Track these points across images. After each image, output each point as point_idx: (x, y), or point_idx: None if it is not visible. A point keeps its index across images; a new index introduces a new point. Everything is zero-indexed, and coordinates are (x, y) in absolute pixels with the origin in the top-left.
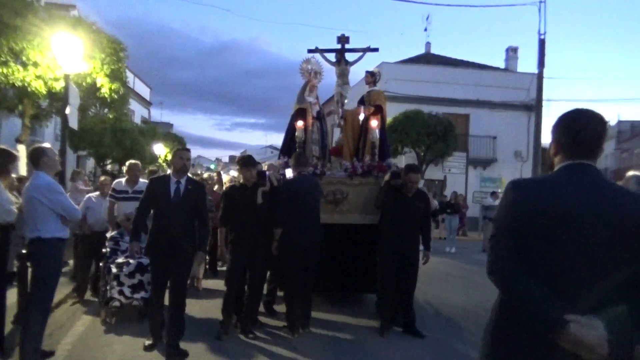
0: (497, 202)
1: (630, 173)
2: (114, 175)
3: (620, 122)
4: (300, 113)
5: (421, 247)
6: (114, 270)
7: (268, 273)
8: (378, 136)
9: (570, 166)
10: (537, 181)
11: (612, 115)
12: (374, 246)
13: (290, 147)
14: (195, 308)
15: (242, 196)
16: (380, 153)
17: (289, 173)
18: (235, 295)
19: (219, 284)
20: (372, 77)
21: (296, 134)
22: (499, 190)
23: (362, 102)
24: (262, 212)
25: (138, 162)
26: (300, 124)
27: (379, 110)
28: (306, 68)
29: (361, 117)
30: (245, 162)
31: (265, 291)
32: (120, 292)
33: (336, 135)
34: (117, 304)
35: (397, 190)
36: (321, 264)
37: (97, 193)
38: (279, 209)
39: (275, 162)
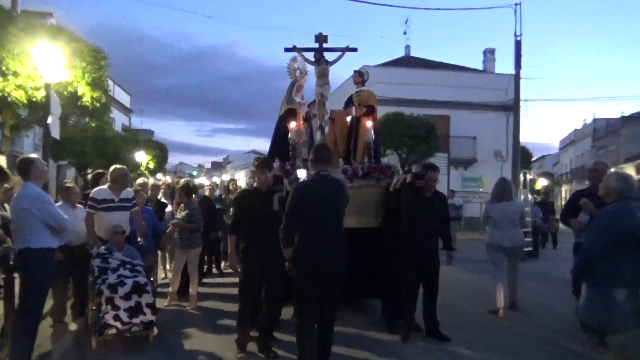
0: (453, 201)
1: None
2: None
3: (595, 120)
4: (291, 114)
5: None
6: (106, 292)
7: None
8: (373, 137)
9: None
10: None
11: (588, 114)
12: (375, 250)
13: (281, 150)
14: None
15: (256, 202)
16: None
17: (302, 174)
18: (250, 309)
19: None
20: (360, 77)
21: (289, 135)
22: (481, 189)
23: (349, 102)
24: (278, 220)
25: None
26: (293, 125)
27: (371, 111)
28: (293, 66)
29: (348, 118)
30: (261, 163)
31: None
32: (116, 317)
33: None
34: (113, 331)
35: (415, 192)
36: None
37: (60, 202)
38: (285, 222)
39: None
